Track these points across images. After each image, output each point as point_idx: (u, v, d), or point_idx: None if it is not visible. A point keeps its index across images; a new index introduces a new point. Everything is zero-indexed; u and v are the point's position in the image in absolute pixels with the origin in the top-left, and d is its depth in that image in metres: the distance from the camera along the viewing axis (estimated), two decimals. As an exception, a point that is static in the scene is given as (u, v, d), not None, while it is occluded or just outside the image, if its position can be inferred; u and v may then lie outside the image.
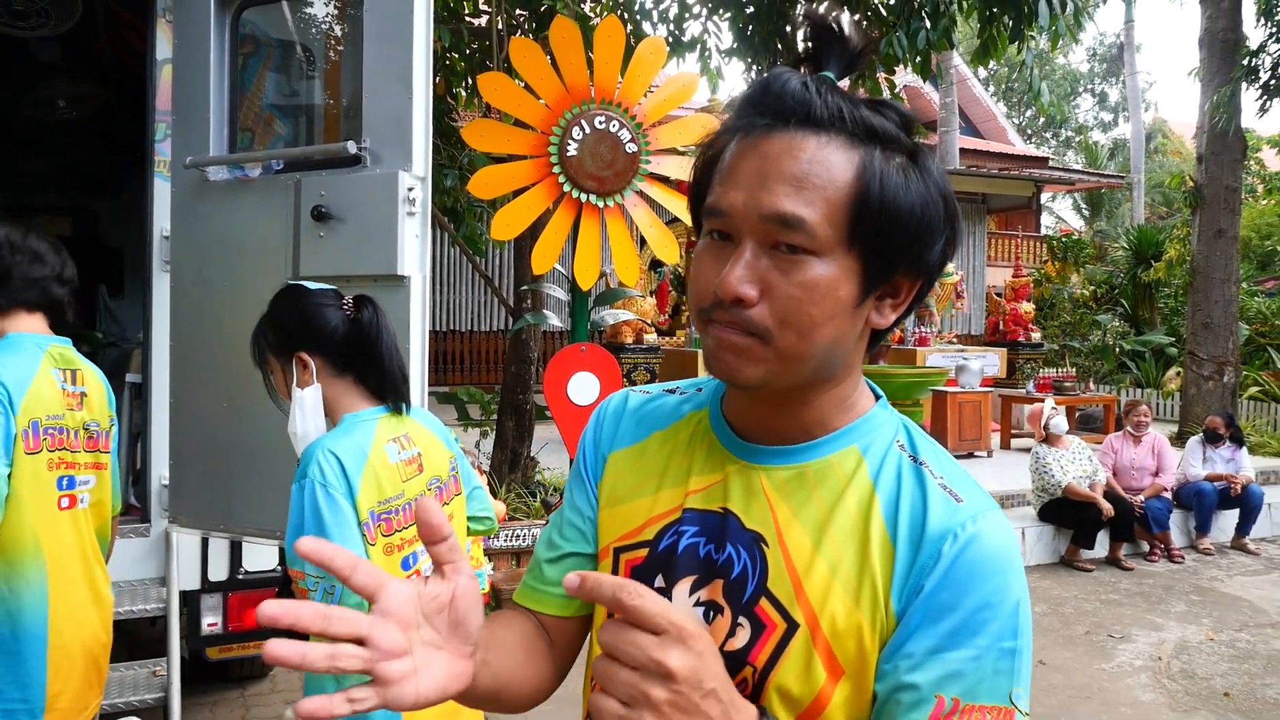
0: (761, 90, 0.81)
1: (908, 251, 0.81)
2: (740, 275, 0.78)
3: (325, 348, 1.89)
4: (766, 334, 0.79)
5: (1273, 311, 12.71)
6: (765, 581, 0.84)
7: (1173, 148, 28.93)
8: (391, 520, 1.87)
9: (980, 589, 0.78)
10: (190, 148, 2.89)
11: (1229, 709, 4.12)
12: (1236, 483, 7.08)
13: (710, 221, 0.82)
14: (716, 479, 0.90)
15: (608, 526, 0.97)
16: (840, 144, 0.79)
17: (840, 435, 0.88)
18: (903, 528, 0.82)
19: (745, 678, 0.83)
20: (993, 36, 5.56)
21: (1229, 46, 9.79)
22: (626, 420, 1.01)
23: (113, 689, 3.05)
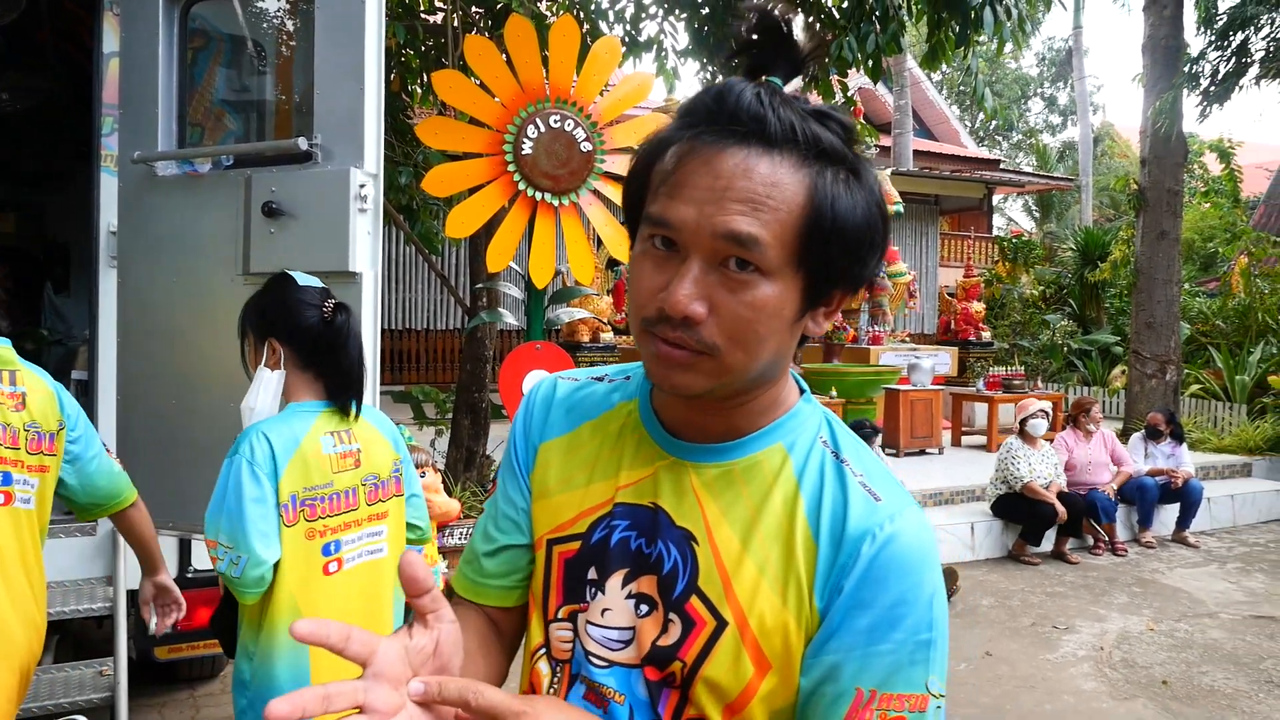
0: (716, 101, 0.79)
1: (849, 269, 0.82)
2: (689, 293, 0.77)
3: (296, 340, 2.04)
4: (714, 350, 0.79)
5: (1214, 311, 13.06)
6: (696, 580, 0.86)
7: (1120, 151, 29.58)
8: (315, 506, 2.00)
9: (897, 586, 0.81)
10: (138, 142, 2.87)
11: (1167, 696, 4.25)
12: (1177, 477, 7.28)
13: (654, 229, 0.81)
14: (647, 474, 0.91)
15: (540, 518, 0.97)
16: (792, 163, 0.78)
17: (767, 432, 0.89)
18: (825, 527, 0.84)
19: (674, 671, 0.85)
20: (941, 41, 5.66)
21: (1171, 53, 10.04)
22: (556, 409, 1.01)
23: (58, 689, 3.01)
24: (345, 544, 2.07)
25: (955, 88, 31.46)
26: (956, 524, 6.69)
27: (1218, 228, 15.97)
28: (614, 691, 0.88)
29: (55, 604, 3.18)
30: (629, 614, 0.88)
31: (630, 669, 0.87)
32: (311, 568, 2.00)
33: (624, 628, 0.88)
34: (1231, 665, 4.65)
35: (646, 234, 0.82)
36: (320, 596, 2.00)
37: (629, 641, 0.88)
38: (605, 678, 0.88)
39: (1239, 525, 8.04)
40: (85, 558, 3.33)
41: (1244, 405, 10.52)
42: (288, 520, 1.95)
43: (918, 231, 16.88)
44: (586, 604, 0.91)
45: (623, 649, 0.88)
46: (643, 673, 0.87)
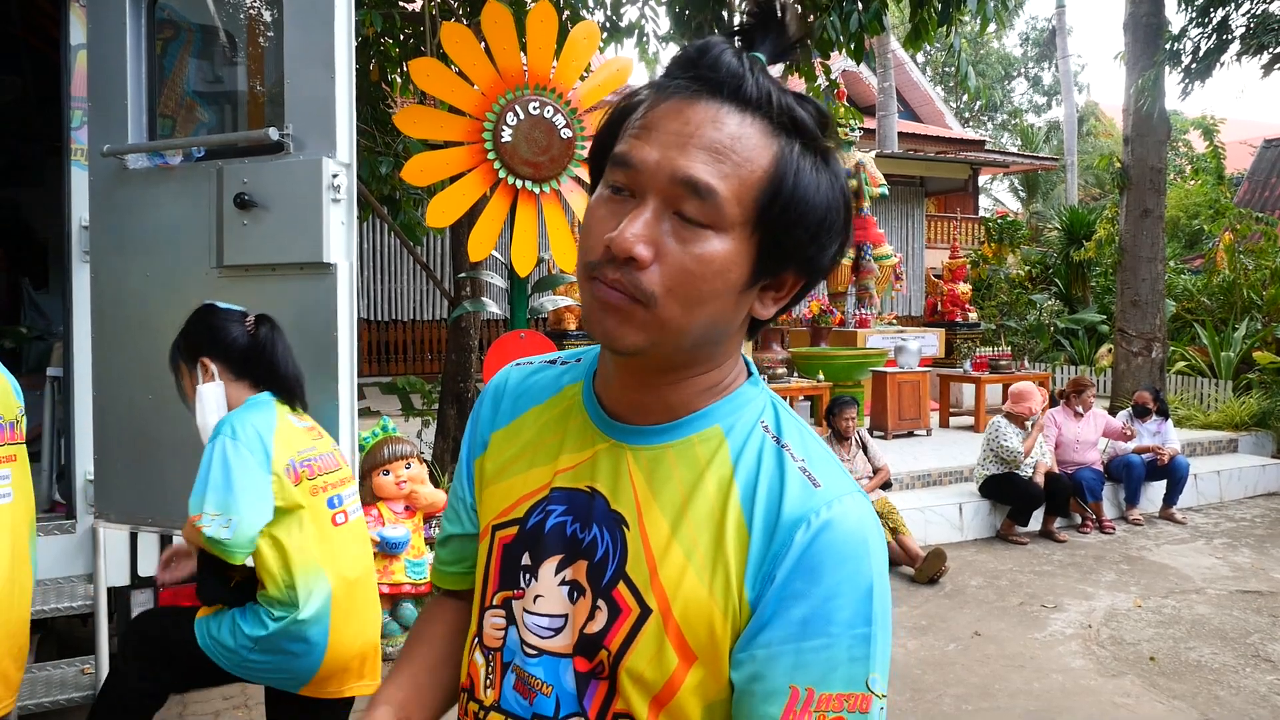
0: (697, 54, 0.78)
1: (803, 250, 0.81)
2: (637, 233, 0.75)
3: (225, 355, 2.26)
4: (650, 299, 0.76)
5: (1199, 288, 13.10)
6: (624, 565, 0.83)
7: (1104, 130, 29.64)
8: (313, 466, 2.25)
9: (831, 577, 0.78)
10: (108, 135, 2.83)
11: (1154, 672, 4.27)
12: (1163, 454, 7.31)
13: (614, 173, 0.79)
14: (585, 457, 0.89)
15: (488, 505, 0.96)
16: (762, 128, 0.77)
17: (704, 414, 0.86)
18: (759, 513, 0.81)
19: (601, 660, 0.83)
20: (923, 20, 5.63)
21: (1152, 31, 10.04)
22: (506, 398, 1.00)
23: (40, 688, 2.99)
24: (345, 499, 2.33)
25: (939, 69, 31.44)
26: (945, 505, 6.71)
27: (1202, 205, 16.02)
28: (541, 683, 0.86)
29: (36, 603, 3.15)
30: (562, 601, 0.86)
31: (560, 659, 0.85)
32: (323, 521, 2.24)
33: (556, 615, 0.86)
34: (1218, 640, 4.67)
35: (608, 179, 0.80)
36: (336, 546, 2.26)
37: (560, 629, 0.86)
38: (534, 668, 0.86)
39: (1225, 501, 8.08)
40: (66, 556, 3.30)
41: (1229, 381, 10.57)
42: (294, 480, 2.18)
43: (903, 214, 16.88)
44: (522, 590, 0.89)
45: (554, 637, 0.86)
46: (572, 663, 0.84)
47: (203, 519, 2.04)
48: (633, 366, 0.85)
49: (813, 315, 10.19)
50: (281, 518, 2.17)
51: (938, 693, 4.01)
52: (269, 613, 2.16)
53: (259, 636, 2.15)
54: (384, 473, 4.45)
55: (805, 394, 8.86)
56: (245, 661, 2.19)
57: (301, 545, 2.18)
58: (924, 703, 3.91)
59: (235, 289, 2.68)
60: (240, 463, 2.09)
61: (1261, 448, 9.18)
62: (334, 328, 2.54)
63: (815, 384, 8.76)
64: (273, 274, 2.62)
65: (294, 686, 2.24)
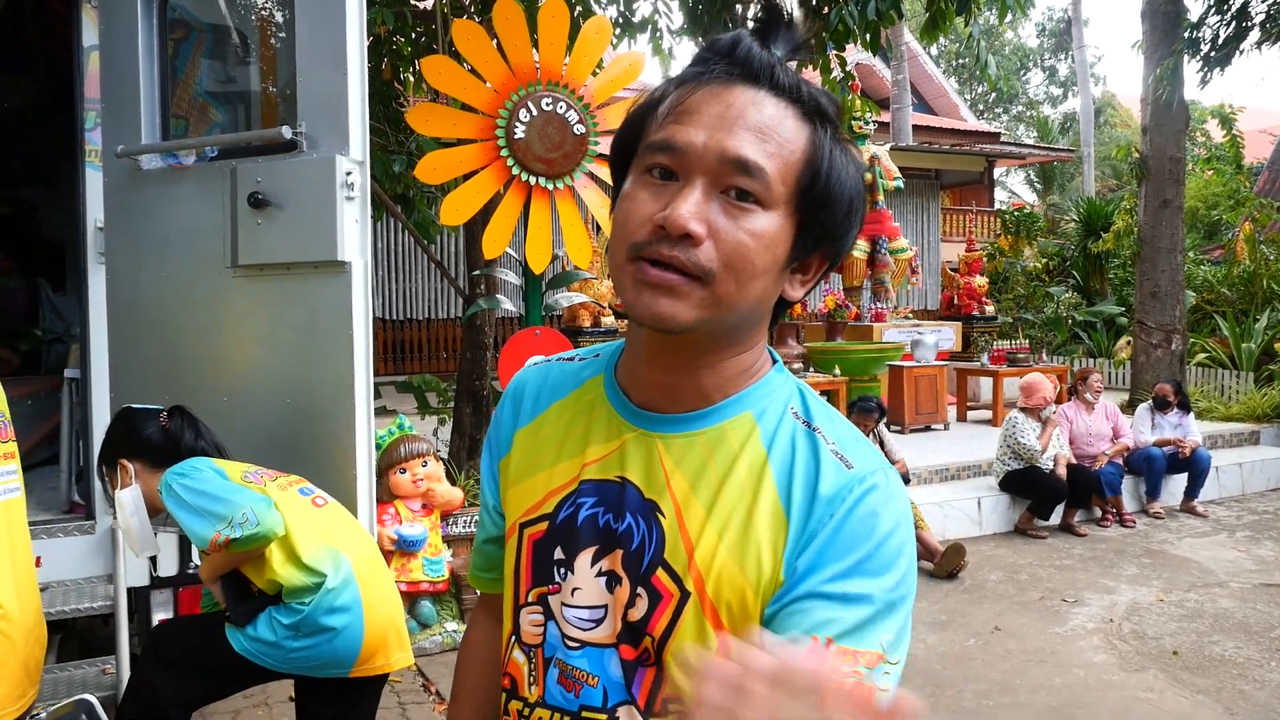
0: (731, 44, 0.82)
1: (834, 230, 0.84)
2: (691, 210, 0.77)
3: (141, 453, 2.39)
4: (708, 276, 0.78)
5: (1219, 279, 12.97)
6: (662, 551, 0.84)
7: (1121, 120, 29.39)
8: (266, 473, 2.36)
9: (863, 545, 0.80)
10: (121, 136, 2.83)
11: (1177, 667, 4.22)
12: (1185, 447, 7.24)
13: (656, 157, 0.80)
14: (613, 448, 0.90)
15: (514, 504, 0.97)
16: (795, 113, 0.81)
17: (735, 401, 0.88)
18: (797, 495, 0.83)
19: (646, 648, 0.84)
20: (940, 10, 5.58)
21: (1171, 19, 9.93)
22: (526, 398, 1.01)
23: (61, 688, 3.00)
24: (313, 489, 2.42)
25: (954, 60, 31.24)
26: (963, 499, 6.66)
27: (1221, 195, 15.85)
28: (586, 674, 0.87)
29: (56, 603, 3.17)
30: (600, 592, 0.87)
31: (603, 649, 0.86)
32: (305, 508, 2.33)
33: (595, 606, 0.87)
34: (1242, 634, 4.62)
35: (645, 164, 0.82)
36: (333, 525, 2.34)
37: (601, 620, 0.87)
38: (578, 660, 0.87)
39: (1248, 493, 7.99)
40: (85, 556, 3.32)
41: (1251, 373, 10.46)
42: (258, 482, 2.28)
43: (919, 207, 16.78)
44: (558, 585, 0.90)
45: (595, 628, 0.87)
46: (617, 652, 0.86)
47: (221, 537, 2.12)
48: (671, 350, 0.86)
49: (828, 310, 10.14)
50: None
51: (958, 688, 3.97)
52: (299, 600, 2.20)
53: (296, 621, 2.18)
54: (400, 471, 4.45)
55: (821, 389, 8.82)
56: (290, 653, 2.20)
57: (298, 531, 2.23)
58: (944, 698, 3.88)
59: (250, 288, 2.68)
60: (204, 480, 2.22)
61: (1284, 440, 9.08)
62: (349, 326, 2.53)
63: (831, 378, 8.72)
64: (287, 273, 2.62)
65: (344, 670, 2.25)
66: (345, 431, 2.56)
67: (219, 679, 2.34)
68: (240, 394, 2.73)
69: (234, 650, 2.22)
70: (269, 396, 2.68)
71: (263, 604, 2.24)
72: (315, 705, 2.36)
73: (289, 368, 2.65)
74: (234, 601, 2.28)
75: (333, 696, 2.33)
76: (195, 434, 2.44)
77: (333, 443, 2.60)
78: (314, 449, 2.63)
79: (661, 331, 0.82)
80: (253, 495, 2.19)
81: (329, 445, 2.61)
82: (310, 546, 2.23)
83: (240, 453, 2.56)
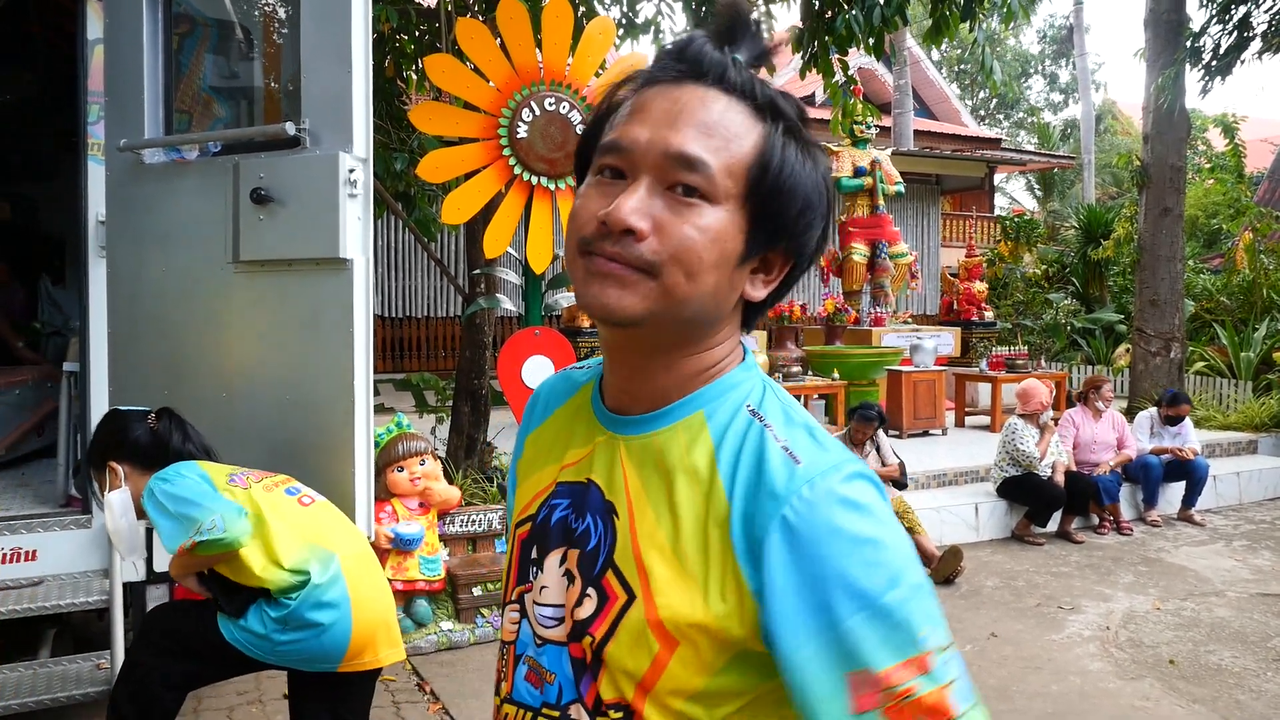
0: (681, 46, 0.82)
1: (791, 228, 0.84)
2: (634, 207, 0.77)
3: (130, 455, 2.41)
4: (654, 268, 0.78)
5: (1218, 288, 12.97)
6: (613, 553, 0.85)
7: (1122, 128, 29.41)
8: (251, 474, 2.37)
9: (833, 555, 0.74)
10: (124, 130, 2.82)
11: (1174, 675, 4.22)
12: (1184, 454, 7.23)
13: (605, 158, 0.81)
14: (586, 451, 0.92)
15: (516, 506, 1.00)
16: (747, 111, 0.81)
17: (689, 401, 0.86)
18: (738, 495, 0.79)
19: (585, 647, 0.84)
20: (945, 15, 5.58)
21: (1173, 28, 9.94)
22: (540, 404, 1.04)
23: (56, 682, 2.99)
24: (300, 489, 2.42)
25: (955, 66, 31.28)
26: (961, 505, 6.66)
27: (1221, 203, 15.88)
28: (547, 670, 0.88)
29: (52, 597, 3.17)
30: (562, 591, 0.88)
31: (560, 647, 0.87)
32: (291, 507, 2.33)
33: (558, 605, 0.88)
34: (1239, 644, 4.62)
35: (597, 166, 0.83)
36: (320, 523, 2.35)
37: (561, 619, 0.88)
38: (540, 656, 0.89)
39: (1245, 503, 8.00)
40: (81, 551, 3.31)
41: (1249, 382, 10.46)
42: (243, 485, 2.30)
43: (919, 212, 16.78)
44: (531, 584, 0.92)
45: (555, 626, 0.88)
46: (569, 650, 0.86)
47: (188, 542, 2.17)
48: (628, 350, 0.86)
49: (828, 313, 10.14)
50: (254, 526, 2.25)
51: (954, 694, 3.97)
52: (285, 595, 2.23)
53: (283, 615, 2.21)
54: (398, 469, 4.44)
55: (820, 392, 8.82)
56: (278, 646, 2.23)
57: (280, 533, 2.25)
58: (940, 704, 3.87)
59: (251, 284, 2.68)
60: (186, 486, 2.25)
61: (1282, 449, 9.09)
62: (350, 323, 2.53)
63: (830, 382, 8.71)
64: (289, 269, 2.61)
65: (332, 665, 2.27)
66: (344, 428, 2.55)
67: (210, 665, 2.37)
68: (240, 390, 2.72)
69: (225, 639, 2.25)
70: (269, 392, 2.68)
71: (254, 596, 2.27)
72: (306, 698, 2.39)
73: (289, 364, 2.65)
74: (225, 595, 2.30)
75: (323, 690, 2.35)
76: (183, 436, 2.46)
77: (332, 439, 2.59)
78: (313, 445, 2.63)
79: (611, 324, 0.81)
80: (226, 503, 2.22)
81: (328, 442, 2.60)
82: (292, 549, 2.24)
83: (239, 448, 2.56)
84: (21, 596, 3.15)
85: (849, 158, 10.43)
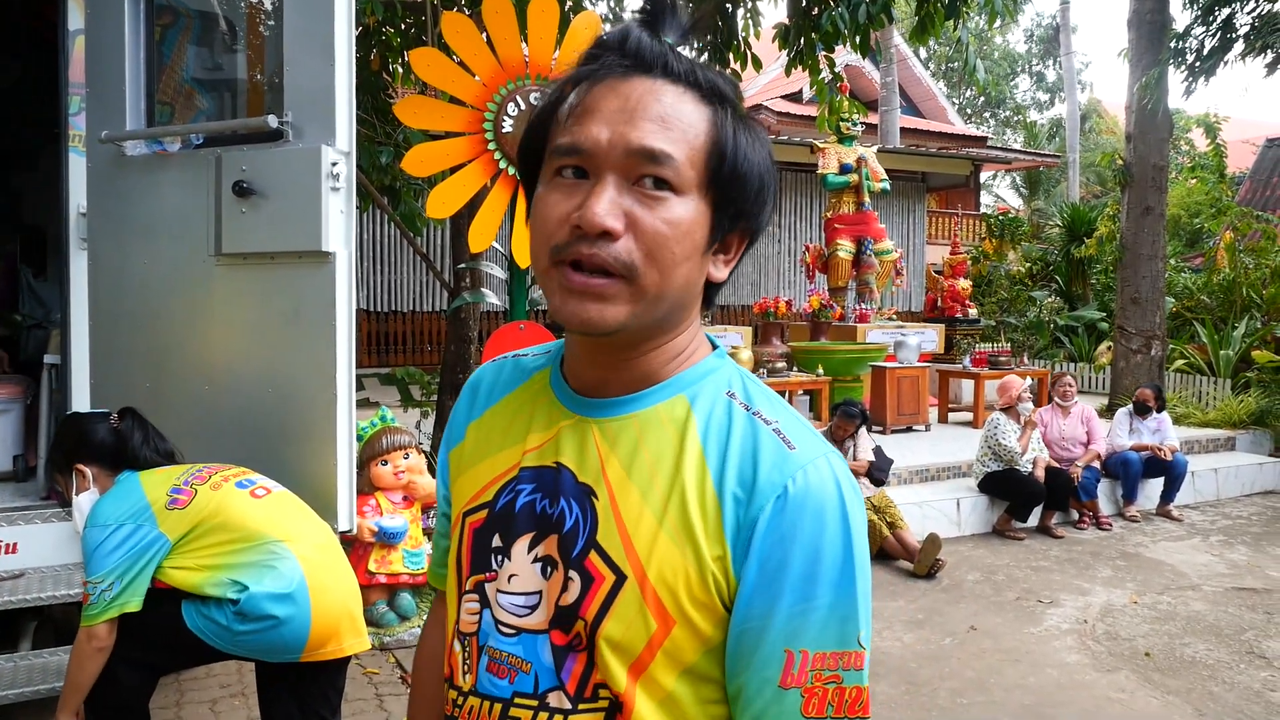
0: (621, 37, 0.82)
1: (747, 208, 0.85)
2: (606, 207, 0.77)
3: (97, 456, 2.43)
4: (630, 271, 0.79)
5: (1199, 287, 13.09)
6: (595, 534, 0.84)
7: (1107, 127, 29.59)
8: (200, 474, 2.39)
9: (813, 540, 0.80)
10: (106, 122, 2.82)
11: (1149, 668, 4.27)
12: (1164, 451, 7.31)
13: (560, 161, 0.81)
14: (551, 435, 0.91)
15: (460, 493, 0.98)
16: (694, 98, 0.82)
17: (669, 385, 0.88)
18: (731, 477, 0.82)
19: (578, 632, 0.84)
20: (929, 13, 5.61)
21: (1156, 28, 10.01)
22: (482, 391, 1.02)
23: (36, 675, 2.98)
24: (255, 481, 2.43)
25: (943, 64, 31.37)
26: (942, 500, 6.71)
27: (1203, 203, 15.99)
28: (520, 660, 0.86)
29: (33, 590, 3.16)
30: (535, 578, 0.87)
31: (536, 635, 0.86)
32: (243, 501, 2.35)
33: (531, 592, 0.87)
34: (1213, 637, 4.68)
35: (553, 167, 0.82)
36: (275, 515, 2.36)
37: (535, 606, 0.87)
38: (513, 646, 0.87)
39: (1222, 498, 8.09)
40: (62, 543, 3.30)
41: (1228, 380, 10.57)
42: (188, 496, 2.33)
43: (904, 209, 16.85)
44: (494, 572, 0.90)
45: (530, 614, 0.87)
46: (549, 638, 0.85)
47: (85, 591, 2.27)
48: (604, 345, 0.87)
49: (813, 310, 10.18)
50: (192, 541, 2.30)
51: (933, 686, 4.01)
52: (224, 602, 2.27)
53: (239, 607, 2.24)
54: (382, 463, 4.45)
55: (805, 388, 8.86)
56: (236, 636, 2.25)
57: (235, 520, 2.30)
58: (920, 696, 3.91)
59: (233, 277, 2.68)
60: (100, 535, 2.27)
61: (1259, 446, 9.18)
62: (332, 316, 2.54)
63: (815, 378, 8.75)
64: (271, 262, 2.62)
65: (294, 655, 2.29)
66: (326, 421, 2.56)
67: (171, 652, 2.39)
68: (222, 382, 2.73)
69: (186, 626, 2.27)
70: (251, 385, 2.68)
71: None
72: (272, 689, 2.42)
73: (271, 357, 2.66)
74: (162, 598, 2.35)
75: (288, 681, 2.38)
76: (143, 437, 2.47)
77: (314, 432, 2.60)
78: (295, 438, 2.63)
79: (590, 336, 0.83)
80: (127, 560, 2.24)
81: (310, 434, 2.61)
82: (217, 572, 2.28)
83: (220, 441, 2.56)
84: (2, 589, 3.14)
85: (835, 154, 10.46)
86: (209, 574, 2.28)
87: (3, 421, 3.82)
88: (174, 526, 2.30)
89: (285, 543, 2.32)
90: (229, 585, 2.25)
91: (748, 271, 15.12)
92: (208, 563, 2.29)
